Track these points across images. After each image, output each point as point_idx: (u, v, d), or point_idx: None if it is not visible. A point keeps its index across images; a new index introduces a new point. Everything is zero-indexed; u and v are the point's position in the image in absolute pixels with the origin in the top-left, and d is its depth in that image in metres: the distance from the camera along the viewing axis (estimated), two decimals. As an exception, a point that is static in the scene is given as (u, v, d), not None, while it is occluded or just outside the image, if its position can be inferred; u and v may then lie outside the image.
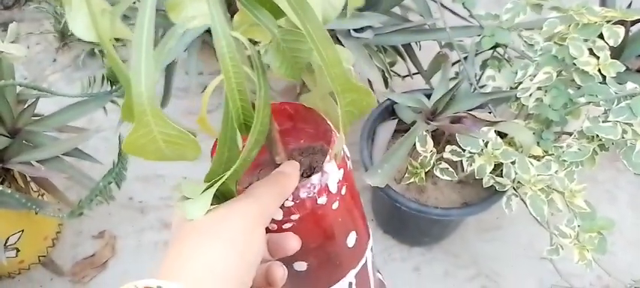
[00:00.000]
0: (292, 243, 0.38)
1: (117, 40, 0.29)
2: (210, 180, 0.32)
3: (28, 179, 0.84)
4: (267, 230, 0.39)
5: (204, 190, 0.32)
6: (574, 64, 0.66)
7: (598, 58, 0.67)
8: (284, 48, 0.30)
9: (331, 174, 0.39)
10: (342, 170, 0.40)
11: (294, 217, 0.38)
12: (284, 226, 0.39)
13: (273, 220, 0.38)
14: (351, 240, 0.45)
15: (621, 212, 0.99)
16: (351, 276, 0.49)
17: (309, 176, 0.39)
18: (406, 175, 0.74)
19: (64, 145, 0.78)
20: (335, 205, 0.40)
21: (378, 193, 0.80)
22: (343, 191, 0.41)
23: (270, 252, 0.37)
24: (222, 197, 0.33)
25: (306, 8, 0.27)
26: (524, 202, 0.71)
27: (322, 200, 0.39)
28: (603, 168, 1.06)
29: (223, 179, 0.31)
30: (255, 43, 0.32)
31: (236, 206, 0.32)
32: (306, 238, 0.40)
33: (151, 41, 0.26)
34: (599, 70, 0.68)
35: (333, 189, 0.39)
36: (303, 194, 0.38)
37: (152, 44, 0.26)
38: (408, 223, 0.88)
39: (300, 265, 0.44)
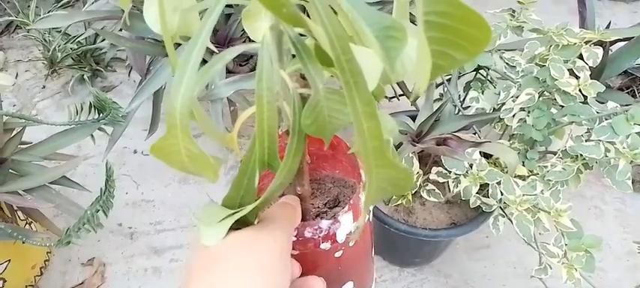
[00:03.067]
0: (317, 285, 0.37)
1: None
2: (227, 202, 0.32)
3: (15, 208, 0.84)
4: None
5: (223, 219, 0.31)
6: (555, 84, 0.68)
7: (578, 78, 0.68)
8: (323, 106, 0.28)
9: (343, 225, 0.38)
10: (357, 223, 0.39)
11: (293, 252, 0.37)
12: None
13: None
14: None
15: (608, 228, 1.00)
16: None
17: (331, 207, 0.38)
18: (394, 196, 0.75)
19: (51, 173, 0.78)
20: (338, 254, 0.39)
21: (367, 215, 0.80)
22: (352, 243, 0.39)
23: None
24: (238, 226, 0.33)
25: (357, 77, 0.24)
26: (512, 222, 0.71)
27: (325, 246, 0.38)
28: (590, 184, 1.07)
29: (244, 212, 0.31)
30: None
31: (265, 234, 0.31)
32: (300, 274, 0.40)
33: (199, 58, 0.26)
34: (580, 91, 0.69)
35: (341, 239, 0.38)
36: (307, 234, 0.37)
37: (199, 62, 0.26)
38: (397, 245, 0.88)
39: None
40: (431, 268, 0.95)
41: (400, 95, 0.95)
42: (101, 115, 0.79)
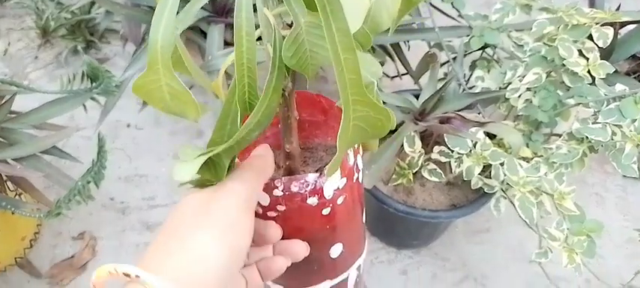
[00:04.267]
0: (274, 232, 0.37)
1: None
2: (211, 148, 0.32)
3: (5, 178, 0.82)
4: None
5: (197, 157, 0.31)
6: (563, 64, 0.66)
7: (587, 59, 0.66)
8: (305, 40, 0.28)
9: (330, 179, 0.37)
10: (344, 180, 0.38)
11: (281, 208, 0.37)
12: (268, 214, 0.38)
13: (258, 204, 0.37)
14: (335, 251, 0.43)
15: (609, 215, 0.99)
16: (325, 285, 0.47)
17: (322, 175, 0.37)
18: (393, 176, 0.73)
19: (41, 142, 0.75)
20: (325, 211, 0.39)
21: (365, 194, 0.79)
22: (340, 201, 0.39)
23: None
24: (214, 168, 0.32)
25: (334, 5, 0.25)
26: (513, 204, 0.70)
27: (312, 201, 0.37)
28: (592, 171, 1.06)
29: (216, 151, 0.30)
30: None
31: (223, 191, 0.31)
32: (287, 232, 0.39)
33: None
34: (589, 72, 0.67)
35: (328, 194, 0.37)
36: (294, 188, 0.36)
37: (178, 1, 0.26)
38: (395, 226, 0.87)
39: None
40: (428, 251, 0.94)
41: (403, 74, 0.92)
42: (94, 84, 0.77)
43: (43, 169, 0.74)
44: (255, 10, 0.28)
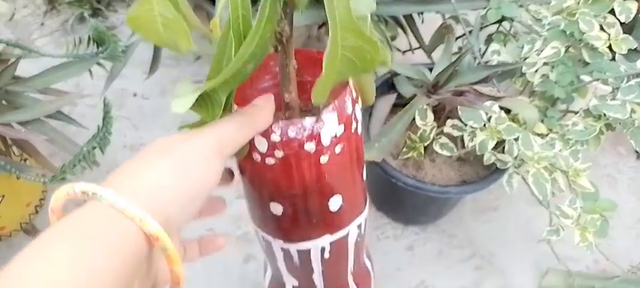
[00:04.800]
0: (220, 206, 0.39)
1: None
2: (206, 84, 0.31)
3: (10, 143, 0.81)
4: (252, 161, 0.38)
5: (193, 91, 0.31)
6: (582, 39, 0.63)
7: (608, 34, 0.64)
8: None
9: (327, 124, 0.37)
10: (342, 126, 0.38)
11: (278, 153, 0.37)
12: (267, 160, 0.38)
13: (256, 151, 0.37)
14: (335, 204, 0.43)
15: (621, 197, 0.97)
16: (325, 241, 0.47)
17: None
18: (404, 149, 0.72)
19: (46, 107, 0.74)
20: (323, 159, 0.38)
21: (373, 168, 0.77)
22: (338, 149, 0.39)
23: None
24: (211, 105, 0.32)
25: None
26: (526, 181, 0.68)
27: (309, 147, 0.37)
28: (605, 152, 1.04)
29: (211, 85, 0.30)
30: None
31: (194, 134, 0.31)
32: (286, 181, 0.39)
33: None
34: (609, 48, 0.65)
35: (326, 141, 0.37)
36: (291, 133, 0.36)
37: None
38: (403, 201, 0.86)
39: (276, 208, 0.42)
40: (435, 228, 0.93)
41: (415, 48, 0.90)
42: (100, 49, 0.75)
43: (47, 133, 0.74)
44: None
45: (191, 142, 0.30)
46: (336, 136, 0.38)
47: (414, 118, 0.70)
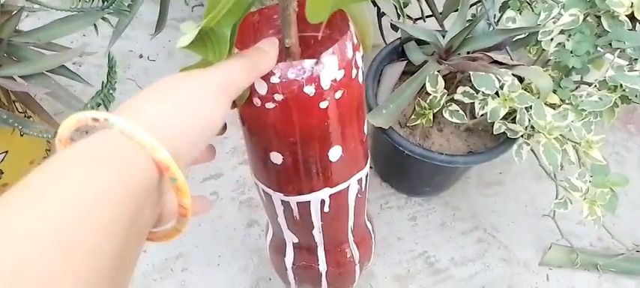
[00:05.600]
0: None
1: None
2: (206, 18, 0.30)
3: (13, 98, 0.80)
4: (252, 106, 0.38)
5: (196, 27, 0.30)
6: (605, 5, 0.61)
7: (632, 1, 0.62)
8: None
9: (327, 67, 0.36)
10: (342, 72, 0.37)
11: (278, 97, 0.37)
12: (267, 105, 0.37)
13: (257, 95, 0.37)
14: (334, 154, 0.43)
15: (629, 175, 0.95)
16: (324, 193, 0.47)
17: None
18: (412, 116, 0.70)
19: (50, 60, 0.73)
20: (323, 104, 0.38)
21: (379, 136, 0.76)
22: (337, 95, 0.38)
23: None
24: (217, 43, 0.31)
25: None
26: (534, 153, 0.67)
27: (309, 90, 0.37)
28: (614, 130, 1.02)
29: (214, 15, 0.29)
30: None
31: (201, 73, 0.31)
32: (285, 127, 0.39)
33: None
34: (630, 18, 0.63)
35: (325, 85, 0.37)
36: (290, 74, 0.36)
37: None
38: (409, 171, 0.85)
39: (276, 157, 0.42)
40: (439, 200, 0.92)
41: (428, 16, 0.88)
42: (106, 2, 0.73)
43: (50, 88, 0.72)
44: None
45: (198, 79, 0.30)
46: (336, 80, 0.37)
47: (423, 86, 0.69)
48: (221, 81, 0.31)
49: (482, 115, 0.64)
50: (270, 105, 0.37)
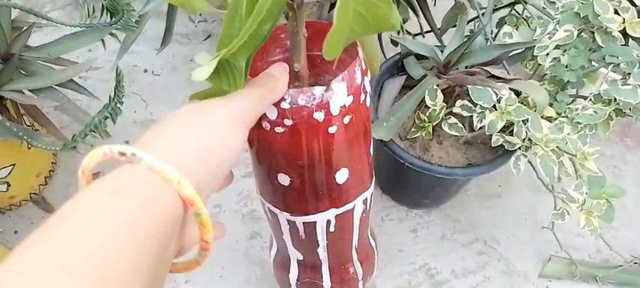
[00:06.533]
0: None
1: None
2: (220, 49, 0.31)
3: (21, 112, 0.82)
4: (261, 129, 0.38)
5: (212, 59, 0.31)
6: (598, 21, 0.63)
7: (623, 18, 0.64)
8: None
9: (337, 94, 0.37)
10: (351, 97, 0.38)
11: (288, 122, 0.37)
12: (276, 129, 0.38)
13: (266, 119, 0.38)
14: (341, 177, 0.43)
15: (626, 188, 0.95)
16: (330, 214, 0.47)
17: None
18: (412, 129, 0.72)
19: (58, 75, 0.75)
20: (332, 129, 0.39)
21: (380, 149, 0.78)
22: (346, 120, 0.39)
23: None
24: (232, 74, 0.32)
25: None
26: (532, 166, 0.69)
27: (319, 116, 0.37)
28: (611, 143, 1.04)
29: (231, 49, 0.30)
30: None
31: (219, 103, 0.32)
32: (294, 151, 0.39)
33: None
34: (623, 34, 0.65)
35: (335, 111, 0.37)
36: (301, 101, 0.36)
37: None
38: (409, 183, 0.86)
39: (284, 179, 0.43)
40: (439, 212, 0.93)
41: (427, 32, 0.90)
42: (114, 19, 0.75)
43: (59, 101, 0.74)
44: None
45: (219, 112, 0.31)
46: (345, 106, 0.38)
47: (423, 100, 0.71)
48: (240, 112, 0.31)
49: (480, 127, 0.66)
50: (279, 129, 0.38)
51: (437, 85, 0.69)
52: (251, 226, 0.90)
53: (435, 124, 0.69)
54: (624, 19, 0.62)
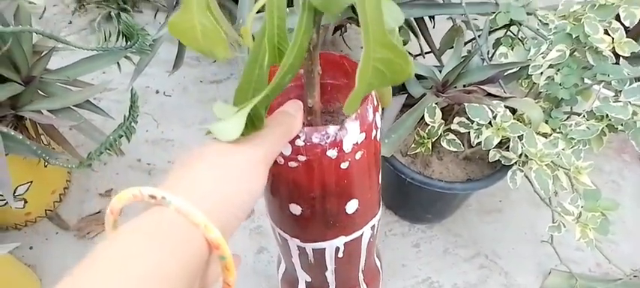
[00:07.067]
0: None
1: None
2: (239, 96, 0.33)
3: (40, 131, 0.86)
4: (276, 164, 0.39)
5: (237, 112, 0.32)
6: (587, 43, 0.66)
7: (613, 38, 0.67)
8: None
9: (350, 132, 0.38)
10: (363, 134, 0.39)
11: (301, 158, 0.38)
12: (290, 164, 0.39)
13: (281, 155, 0.39)
14: (351, 207, 0.45)
15: (625, 203, 0.99)
16: (340, 241, 0.49)
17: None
18: (412, 145, 0.75)
19: (76, 96, 0.79)
20: (344, 165, 0.40)
21: (382, 165, 0.81)
22: (358, 156, 0.40)
23: None
24: (250, 121, 0.33)
25: None
26: (529, 179, 0.71)
27: (332, 153, 0.38)
28: (609, 159, 1.06)
29: (256, 100, 0.31)
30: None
31: (243, 146, 0.32)
32: (306, 184, 0.40)
33: None
34: (613, 51, 0.68)
35: (347, 148, 0.39)
36: (315, 139, 0.38)
37: None
38: (410, 198, 0.89)
39: (295, 209, 0.44)
40: (441, 227, 0.95)
41: (426, 52, 0.94)
42: (129, 42, 0.80)
43: (76, 121, 0.78)
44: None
45: (242, 155, 0.32)
46: (357, 143, 0.39)
47: (422, 117, 0.74)
48: (262, 155, 0.33)
49: (477, 143, 0.69)
50: (293, 164, 0.39)
51: (436, 104, 0.72)
52: (258, 240, 0.93)
53: (434, 140, 0.72)
54: (613, 39, 0.65)
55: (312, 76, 0.37)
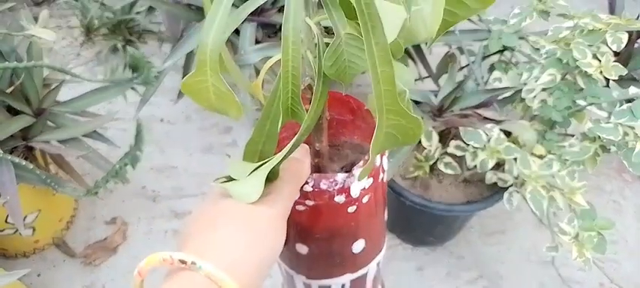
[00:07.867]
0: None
1: None
2: (250, 150, 0.34)
3: (48, 161, 0.88)
4: None
5: (253, 171, 0.32)
6: (577, 66, 0.68)
7: (600, 61, 0.69)
8: (344, 51, 0.30)
9: (358, 180, 0.39)
10: (371, 180, 0.40)
11: (309, 202, 0.39)
12: (297, 207, 0.40)
13: None
14: (358, 247, 0.45)
15: (626, 222, 1.00)
16: (346, 279, 0.49)
17: (347, 171, 0.39)
18: (411, 168, 0.76)
19: (84, 127, 0.82)
20: (351, 209, 0.40)
21: (383, 188, 0.82)
22: (365, 199, 0.41)
23: None
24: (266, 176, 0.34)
25: (375, 21, 0.27)
26: (526, 200, 0.72)
27: (339, 199, 0.39)
28: (610, 178, 1.07)
29: (274, 162, 0.32)
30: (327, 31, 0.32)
31: (263, 206, 0.33)
32: (314, 225, 0.41)
33: (230, 1, 0.28)
34: (602, 74, 0.70)
35: (355, 194, 0.39)
36: (323, 185, 0.38)
37: (230, 4, 0.28)
38: (412, 221, 0.90)
39: (302, 248, 0.45)
40: (444, 249, 0.96)
41: (424, 77, 0.96)
42: (135, 74, 0.83)
43: (84, 150, 0.81)
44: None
45: (265, 214, 0.33)
46: (364, 188, 0.39)
47: (420, 141, 0.76)
48: (282, 210, 0.34)
49: (473, 166, 0.70)
50: (300, 207, 0.39)
51: (432, 128, 0.74)
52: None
53: (431, 163, 0.74)
54: (600, 63, 0.67)
55: (321, 122, 0.38)
